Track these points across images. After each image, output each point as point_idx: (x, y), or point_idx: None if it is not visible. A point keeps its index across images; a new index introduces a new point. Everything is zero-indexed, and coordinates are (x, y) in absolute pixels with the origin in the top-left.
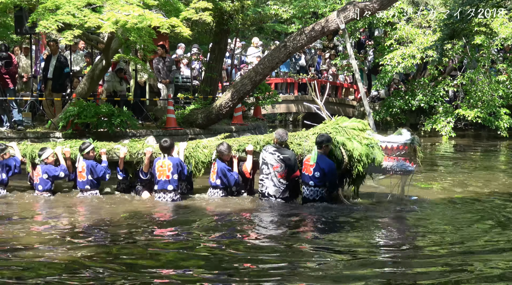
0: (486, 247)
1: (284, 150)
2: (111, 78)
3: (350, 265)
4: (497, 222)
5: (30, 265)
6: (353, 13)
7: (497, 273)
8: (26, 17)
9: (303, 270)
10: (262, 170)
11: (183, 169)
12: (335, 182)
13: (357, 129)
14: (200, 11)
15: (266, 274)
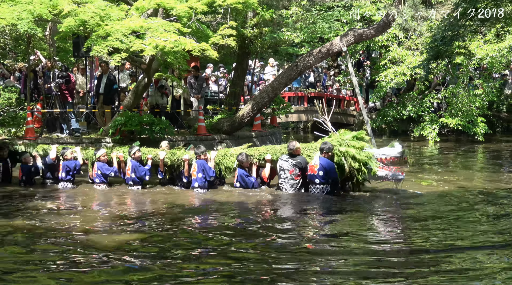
0: (474, 239)
1: (295, 157)
2: (154, 93)
3: (344, 259)
4: (478, 212)
5: (84, 246)
6: (353, 38)
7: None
8: (82, 43)
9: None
10: (280, 175)
11: (207, 171)
12: (336, 179)
13: (356, 146)
14: (226, 37)
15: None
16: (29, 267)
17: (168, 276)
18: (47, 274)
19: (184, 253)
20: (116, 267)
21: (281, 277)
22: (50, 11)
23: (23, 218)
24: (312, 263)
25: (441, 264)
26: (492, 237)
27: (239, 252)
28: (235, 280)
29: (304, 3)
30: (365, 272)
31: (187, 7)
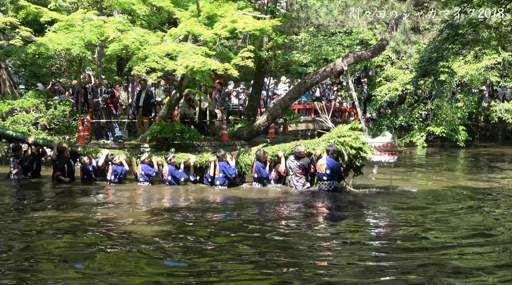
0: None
1: (300, 159)
2: (184, 105)
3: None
4: (463, 207)
5: (126, 236)
6: (353, 59)
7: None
8: (124, 64)
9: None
10: (289, 172)
11: (227, 170)
12: (341, 175)
13: (352, 136)
14: (245, 58)
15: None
16: (81, 252)
17: (195, 263)
18: (92, 259)
19: (208, 241)
20: (151, 254)
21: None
22: (98, 37)
23: (79, 211)
24: (318, 256)
25: (444, 260)
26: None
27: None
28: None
29: (311, 30)
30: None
31: (213, 34)
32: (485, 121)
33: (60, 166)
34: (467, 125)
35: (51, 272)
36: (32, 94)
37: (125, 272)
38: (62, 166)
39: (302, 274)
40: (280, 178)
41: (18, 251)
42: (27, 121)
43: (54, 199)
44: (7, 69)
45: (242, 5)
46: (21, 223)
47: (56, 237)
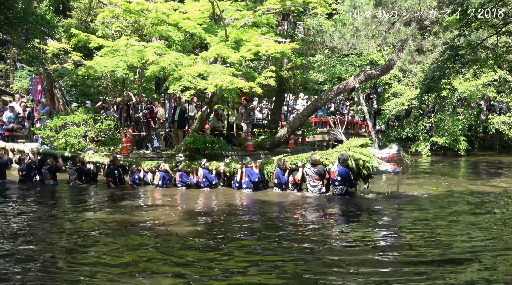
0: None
1: (316, 166)
2: (213, 119)
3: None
4: (470, 211)
5: (164, 234)
6: (363, 77)
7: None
8: (162, 83)
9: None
10: (306, 178)
11: (251, 175)
12: (351, 181)
13: (360, 151)
14: (268, 77)
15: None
16: (117, 247)
17: (222, 258)
18: (131, 255)
19: (234, 239)
20: (186, 251)
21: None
22: (139, 60)
23: (125, 213)
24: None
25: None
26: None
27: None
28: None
29: (326, 52)
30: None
31: (239, 56)
32: (483, 132)
33: (111, 173)
34: (467, 136)
35: (96, 267)
36: (82, 111)
37: (160, 272)
38: (113, 173)
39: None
40: (295, 184)
41: (71, 247)
42: (77, 134)
43: (103, 202)
44: (61, 88)
45: (265, 31)
46: (75, 223)
47: (102, 236)
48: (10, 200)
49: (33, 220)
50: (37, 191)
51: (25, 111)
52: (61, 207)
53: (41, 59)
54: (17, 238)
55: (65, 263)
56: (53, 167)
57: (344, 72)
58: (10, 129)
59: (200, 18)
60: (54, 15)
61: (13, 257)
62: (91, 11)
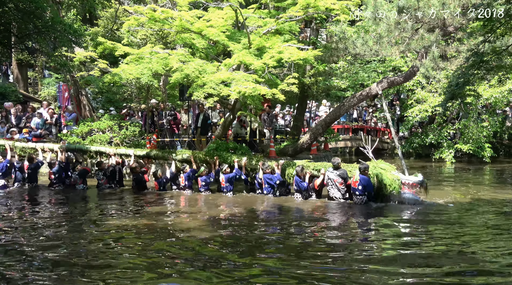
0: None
1: (338, 170)
2: (236, 126)
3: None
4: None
5: (185, 239)
6: (386, 84)
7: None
8: (185, 90)
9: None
10: (328, 183)
11: (271, 180)
12: (371, 191)
13: (386, 169)
14: (290, 84)
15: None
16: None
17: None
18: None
19: (254, 245)
20: (204, 257)
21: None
22: (163, 68)
23: (149, 218)
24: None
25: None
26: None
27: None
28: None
29: (348, 59)
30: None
31: (262, 63)
32: (508, 139)
33: (138, 179)
34: (492, 143)
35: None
36: (108, 117)
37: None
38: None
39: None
40: (315, 190)
41: (93, 249)
42: (103, 140)
43: (129, 207)
44: (87, 95)
45: (287, 38)
46: (101, 228)
47: (127, 241)
48: (41, 204)
49: (61, 225)
50: (67, 196)
51: (53, 117)
52: (88, 212)
53: (68, 66)
54: (44, 242)
55: (90, 269)
56: (82, 171)
57: (367, 79)
58: (38, 135)
59: (224, 26)
60: (81, 24)
61: (39, 262)
62: (117, 20)
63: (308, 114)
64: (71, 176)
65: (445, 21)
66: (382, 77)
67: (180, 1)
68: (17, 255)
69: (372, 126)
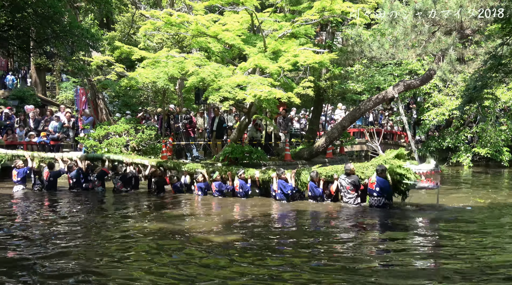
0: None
1: (350, 176)
2: (252, 129)
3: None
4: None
5: (201, 243)
6: (403, 87)
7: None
8: (201, 94)
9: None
10: (341, 189)
11: (284, 188)
12: (390, 193)
13: (397, 163)
14: (306, 88)
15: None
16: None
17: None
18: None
19: (268, 248)
20: (221, 260)
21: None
22: (179, 71)
23: (164, 221)
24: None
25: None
26: None
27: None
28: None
29: (364, 62)
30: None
31: (277, 67)
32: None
33: (160, 181)
34: (511, 147)
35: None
36: (124, 121)
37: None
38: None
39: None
40: (331, 196)
41: (112, 251)
42: (119, 143)
43: (145, 210)
44: (104, 99)
45: (303, 41)
46: (118, 231)
47: (143, 244)
48: (60, 207)
49: (78, 227)
50: (86, 199)
51: (70, 121)
52: (105, 215)
53: (85, 70)
54: (60, 245)
55: (108, 273)
56: (101, 173)
57: (383, 82)
58: (56, 138)
59: (239, 30)
60: (98, 28)
61: (55, 263)
62: (133, 24)
63: (324, 118)
64: (91, 180)
65: (463, 23)
66: (399, 81)
67: (196, 5)
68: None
69: (388, 130)
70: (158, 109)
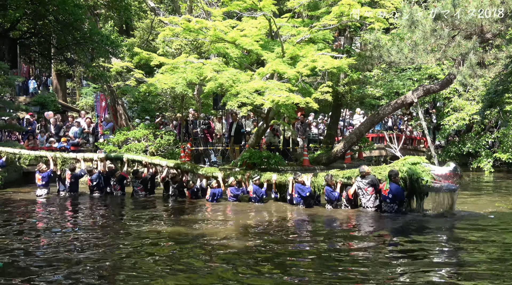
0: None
1: (366, 177)
2: (269, 134)
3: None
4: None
5: (217, 248)
6: (422, 92)
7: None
8: (219, 99)
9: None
10: (359, 192)
11: (302, 191)
12: (403, 200)
13: (416, 163)
14: (324, 93)
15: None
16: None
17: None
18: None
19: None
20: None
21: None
22: (197, 77)
23: (182, 225)
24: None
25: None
26: None
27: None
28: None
29: (383, 67)
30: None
31: (295, 72)
32: None
33: (167, 187)
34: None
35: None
36: (143, 126)
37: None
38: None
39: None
40: (349, 200)
41: (127, 253)
42: (138, 149)
43: (162, 215)
44: (123, 105)
45: (321, 47)
46: (135, 236)
47: (162, 248)
48: (80, 211)
49: (97, 232)
50: (105, 203)
51: (90, 126)
52: (123, 219)
53: (105, 77)
54: (80, 248)
55: (125, 278)
56: (121, 177)
57: (402, 87)
58: (76, 144)
59: (257, 35)
60: (118, 35)
61: (74, 267)
62: (152, 31)
63: (342, 123)
64: (111, 184)
65: (483, 27)
66: (418, 85)
67: (215, 11)
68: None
69: (408, 135)
70: (178, 114)
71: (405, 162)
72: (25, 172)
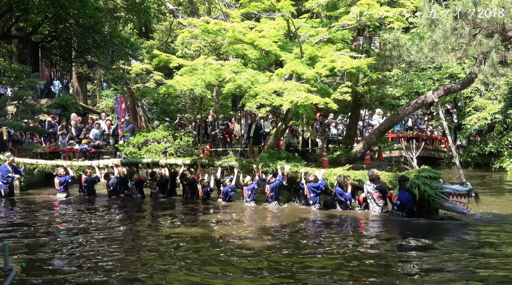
0: None
1: (376, 181)
2: (288, 135)
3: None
4: None
5: (234, 249)
6: (443, 91)
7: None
8: (238, 101)
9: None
10: (368, 196)
11: (316, 189)
12: (412, 209)
13: (429, 177)
14: (343, 93)
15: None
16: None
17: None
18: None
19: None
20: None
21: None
22: (216, 78)
23: (201, 226)
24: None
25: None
26: None
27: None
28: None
29: (403, 66)
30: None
31: (314, 72)
32: None
33: (190, 184)
34: None
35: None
36: (163, 128)
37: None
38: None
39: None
40: (361, 204)
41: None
42: (158, 150)
43: (179, 216)
44: (143, 107)
45: (340, 47)
46: (153, 237)
47: (180, 250)
48: (99, 213)
49: (118, 234)
50: (124, 205)
51: (110, 128)
52: (141, 222)
53: (125, 79)
54: (99, 250)
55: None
56: (138, 181)
57: (422, 87)
58: (96, 145)
59: (276, 36)
60: (137, 37)
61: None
62: (171, 33)
63: (361, 123)
64: (129, 187)
65: (505, 25)
66: (438, 85)
67: (233, 12)
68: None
69: (428, 135)
70: (197, 116)
71: (419, 174)
72: (47, 174)
